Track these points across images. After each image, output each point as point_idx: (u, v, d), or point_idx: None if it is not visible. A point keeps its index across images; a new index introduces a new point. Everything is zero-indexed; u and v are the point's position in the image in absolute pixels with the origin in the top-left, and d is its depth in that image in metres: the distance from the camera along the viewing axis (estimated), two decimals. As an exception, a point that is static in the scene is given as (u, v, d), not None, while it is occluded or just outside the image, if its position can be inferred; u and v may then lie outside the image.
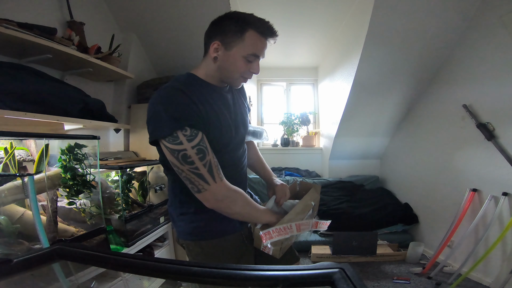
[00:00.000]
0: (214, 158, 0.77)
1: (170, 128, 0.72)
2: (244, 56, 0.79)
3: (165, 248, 2.09)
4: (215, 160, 0.77)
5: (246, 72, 0.83)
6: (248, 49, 0.79)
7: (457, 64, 2.36)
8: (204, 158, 0.74)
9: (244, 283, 0.48)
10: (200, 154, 0.74)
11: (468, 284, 2.08)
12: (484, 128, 2.08)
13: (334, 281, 0.42)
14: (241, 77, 0.84)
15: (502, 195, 1.96)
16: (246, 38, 0.78)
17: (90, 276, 1.18)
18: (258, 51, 0.80)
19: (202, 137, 0.75)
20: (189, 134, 0.73)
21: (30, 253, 0.59)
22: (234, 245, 0.90)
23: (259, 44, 0.80)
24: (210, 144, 0.78)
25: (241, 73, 0.83)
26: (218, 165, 0.78)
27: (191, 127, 0.74)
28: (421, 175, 2.84)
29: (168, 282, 1.01)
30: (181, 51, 2.46)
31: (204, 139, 0.76)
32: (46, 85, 1.37)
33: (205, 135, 0.77)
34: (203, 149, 0.74)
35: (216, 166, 0.77)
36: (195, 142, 0.73)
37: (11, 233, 1.07)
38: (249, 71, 0.83)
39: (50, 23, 1.51)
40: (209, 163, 0.75)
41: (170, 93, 0.76)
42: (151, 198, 2.02)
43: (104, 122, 1.75)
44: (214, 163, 0.76)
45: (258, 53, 0.80)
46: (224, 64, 0.82)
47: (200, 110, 0.77)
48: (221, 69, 0.83)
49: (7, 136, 1.11)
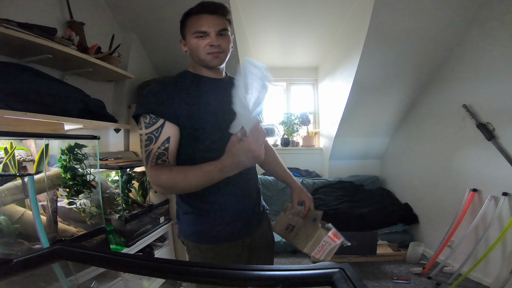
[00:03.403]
0: (161, 148, 0.80)
1: (136, 112, 0.84)
2: (193, 37, 0.86)
3: (165, 248, 2.09)
4: (157, 151, 0.80)
5: (207, 48, 0.86)
6: (191, 30, 0.86)
7: (457, 64, 2.36)
8: (149, 145, 0.80)
9: (244, 283, 0.48)
10: (147, 141, 0.81)
11: (468, 284, 2.08)
12: (484, 128, 2.08)
13: (334, 281, 0.42)
14: (207, 54, 0.86)
15: (502, 195, 1.96)
16: (188, 25, 0.88)
17: (90, 276, 1.18)
18: (199, 27, 0.85)
19: (161, 126, 0.80)
20: (148, 122, 0.81)
21: (30, 253, 0.59)
22: (234, 252, 0.92)
23: (198, 21, 0.85)
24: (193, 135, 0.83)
25: (203, 51, 0.86)
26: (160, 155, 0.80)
27: (153, 115, 0.81)
28: (421, 175, 2.84)
29: (168, 282, 1.01)
30: (181, 51, 2.45)
31: (163, 128, 0.80)
32: (46, 85, 1.37)
33: (178, 124, 0.82)
34: (152, 137, 0.80)
35: (154, 154, 0.80)
36: (149, 130, 0.81)
37: (11, 233, 1.07)
38: (209, 45, 0.86)
39: (50, 23, 1.50)
40: (150, 151, 0.80)
41: (152, 85, 0.87)
42: (151, 198, 2.02)
43: (104, 122, 1.75)
44: (154, 152, 0.80)
45: (200, 29, 0.84)
46: (191, 52, 0.90)
47: (174, 102, 0.82)
48: (194, 57, 0.91)
49: (7, 136, 1.11)
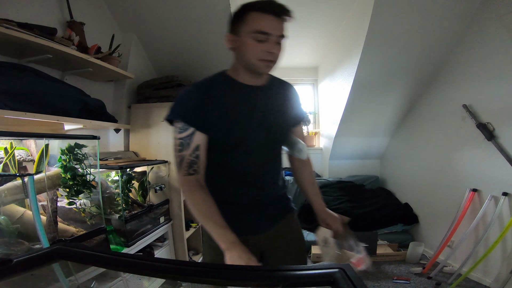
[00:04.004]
0: (192, 155, 0.82)
1: (169, 117, 0.84)
2: (251, 37, 0.77)
3: (165, 248, 2.09)
4: (189, 158, 0.82)
5: (262, 54, 0.78)
6: (252, 27, 0.77)
7: (457, 64, 2.36)
8: (181, 151, 0.82)
9: (244, 283, 0.48)
10: (180, 146, 0.82)
11: (468, 284, 2.08)
12: (484, 128, 2.08)
13: (334, 281, 0.42)
14: (259, 60, 0.79)
15: (502, 195, 1.96)
16: (248, 20, 0.78)
17: (90, 276, 1.18)
18: (263, 27, 0.76)
19: (191, 134, 0.81)
20: (180, 127, 0.82)
21: (30, 253, 0.59)
22: None
23: (262, 21, 0.76)
24: (216, 142, 0.84)
25: (256, 56, 0.79)
26: (192, 163, 0.82)
27: (187, 123, 0.81)
28: (421, 175, 2.84)
29: (168, 282, 1.01)
30: (181, 51, 2.46)
31: (194, 137, 0.81)
32: (46, 85, 1.37)
33: (207, 132, 0.82)
34: (183, 143, 0.81)
35: (187, 162, 0.82)
36: (181, 135, 0.81)
37: (11, 233, 1.07)
38: (266, 51, 0.78)
39: (50, 23, 1.50)
40: (182, 157, 0.82)
41: (187, 89, 0.86)
42: (151, 198, 2.02)
43: (104, 122, 1.75)
44: (186, 159, 0.82)
45: (263, 29, 0.76)
46: (240, 51, 0.82)
47: (203, 109, 0.82)
48: (240, 58, 0.84)
49: (7, 136, 1.11)
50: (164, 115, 0.87)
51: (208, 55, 2.45)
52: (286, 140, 0.98)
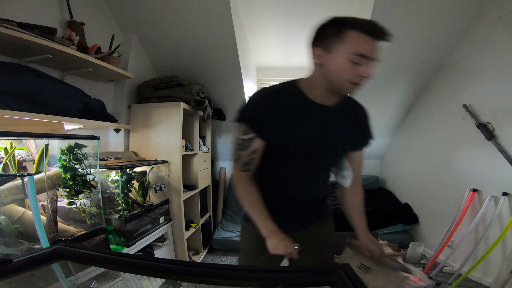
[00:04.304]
0: (248, 157, 0.88)
1: (237, 119, 0.88)
2: (347, 58, 0.71)
3: (165, 248, 2.09)
4: (245, 158, 0.88)
5: (356, 77, 0.73)
6: (351, 48, 0.70)
7: (457, 64, 2.36)
8: (239, 150, 0.88)
9: (244, 283, 0.48)
10: (239, 146, 0.88)
11: (468, 284, 2.08)
12: (484, 128, 2.08)
13: (334, 281, 0.42)
14: (349, 83, 0.74)
15: (502, 195, 1.96)
16: (346, 38, 0.71)
17: (90, 276, 1.17)
18: (363, 50, 0.70)
19: (251, 139, 0.86)
20: (243, 130, 0.86)
21: (30, 253, 0.59)
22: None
23: (363, 43, 0.70)
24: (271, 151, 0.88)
25: (348, 78, 0.73)
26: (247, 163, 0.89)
27: (248, 127, 0.85)
28: (421, 175, 2.84)
29: (168, 282, 1.01)
30: (181, 51, 2.46)
31: (252, 142, 0.86)
32: (46, 85, 1.37)
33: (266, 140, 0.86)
34: (243, 144, 0.87)
35: (243, 161, 0.89)
36: (243, 137, 0.86)
37: (11, 233, 1.07)
38: (358, 75, 0.72)
39: (50, 23, 1.50)
40: (240, 156, 0.89)
41: (257, 95, 0.88)
42: (151, 198, 2.03)
43: (104, 122, 1.75)
44: (243, 159, 0.89)
45: (363, 52, 0.70)
46: (328, 69, 0.76)
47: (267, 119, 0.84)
48: (326, 76, 0.78)
49: (7, 136, 1.11)
50: (164, 115, 0.89)
51: (208, 55, 2.45)
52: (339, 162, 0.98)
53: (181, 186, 2.18)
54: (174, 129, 2.14)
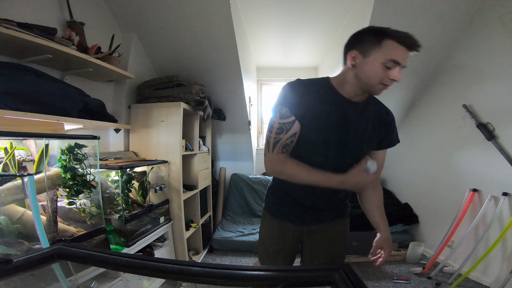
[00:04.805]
0: (288, 139, 0.91)
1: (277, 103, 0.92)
2: (382, 62, 0.81)
3: (165, 248, 2.09)
4: (285, 141, 0.91)
5: (385, 79, 0.83)
6: (386, 55, 0.80)
7: (457, 64, 2.36)
8: (279, 134, 0.91)
9: (244, 283, 0.48)
10: (279, 130, 0.91)
11: (468, 284, 2.08)
12: (484, 128, 2.08)
13: (334, 281, 0.42)
14: (379, 83, 0.84)
15: (502, 195, 1.96)
16: (383, 46, 0.80)
17: (90, 276, 1.17)
18: (397, 57, 0.80)
19: (292, 121, 0.89)
20: (283, 113, 0.90)
21: (30, 253, 0.59)
22: (278, 229, 1.10)
23: (398, 52, 0.80)
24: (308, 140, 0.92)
25: (380, 79, 0.83)
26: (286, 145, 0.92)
27: (288, 110, 0.89)
28: (421, 175, 2.84)
29: (168, 282, 1.01)
30: (181, 51, 2.46)
31: (293, 124, 0.90)
32: (46, 85, 1.37)
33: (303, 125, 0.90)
34: (283, 127, 0.90)
35: (282, 144, 0.91)
36: (282, 121, 0.90)
37: (11, 233, 1.07)
38: (389, 77, 0.82)
39: (50, 23, 1.51)
40: (279, 139, 0.91)
41: (292, 83, 0.93)
42: (151, 198, 2.03)
43: (104, 122, 1.75)
44: (282, 142, 0.91)
45: (397, 59, 0.80)
46: (362, 71, 0.85)
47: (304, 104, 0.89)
48: (359, 76, 0.87)
49: (7, 136, 1.11)
50: (164, 115, 0.88)
51: (208, 55, 2.45)
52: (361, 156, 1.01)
53: (181, 186, 2.18)
54: (174, 129, 2.14)
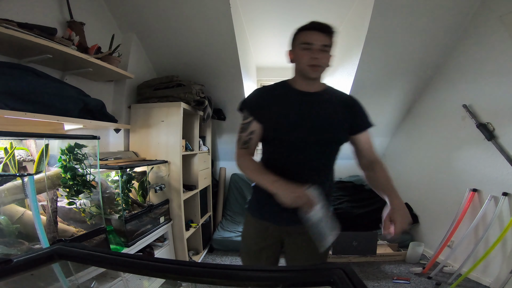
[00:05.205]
0: (247, 136, 1.05)
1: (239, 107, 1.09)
2: (300, 47, 0.98)
3: (165, 248, 2.09)
4: (244, 138, 1.05)
5: (309, 60, 0.97)
6: (300, 40, 0.99)
7: (457, 64, 2.36)
8: (241, 133, 1.06)
9: (244, 283, 0.48)
10: (241, 129, 1.06)
11: (468, 284, 2.08)
12: (484, 128, 2.08)
13: (334, 281, 0.42)
14: (307, 66, 0.98)
15: (502, 195, 1.96)
16: (298, 36, 1.01)
17: (90, 276, 1.17)
18: (307, 39, 0.96)
19: (249, 122, 1.04)
20: (244, 116, 1.06)
21: (30, 253, 0.59)
22: (259, 228, 1.12)
23: (308, 35, 0.97)
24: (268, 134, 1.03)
25: (305, 62, 0.98)
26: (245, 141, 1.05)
27: (248, 112, 1.05)
28: (421, 175, 2.84)
29: (168, 282, 1.01)
30: (181, 51, 2.46)
31: (252, 124, 1.04)
32: (46, 85, 1.37)
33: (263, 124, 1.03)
34: (244, 127, 1.05)
35: (242, 141, 1.06)
36: (244, 122, 1.06)
37: (11, 233, 1.07)
38: (311, 57, 0.97)
39: (50, 23, 1.50)
40: (241, 137, 1.06)
41: (257, 89, 1.11)
42: (151, 198, 2.03)
43: (104, 122, 1.75)
44: (243, 139, 1.06)
45: (308, 41, 0.96)
46: (295, 62, 1.03)
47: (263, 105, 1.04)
48: (296, 67, 1.04)
49: (7, 136, 1.11)
50: (164, 115, 0.89)
51: (208, 55, 2.45)
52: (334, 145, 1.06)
53: (181, 186, 2.18)
54: (174, 129, 2.14)
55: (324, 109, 1.03)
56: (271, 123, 1.02)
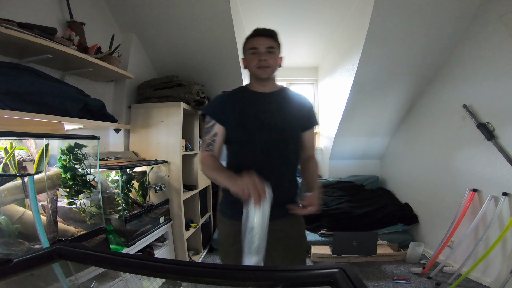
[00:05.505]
0: (210, 139, 1.09)
1: (202, 112, 1.17)
2: (248, 52, 1.09)
3: (165, 248, 2.09)
4: (208, 140, 1.10)
5: (257, 62, 1.06)
6: (248, 47, 1.09)
7: (457, 64, 2.36)
8: (205, 135, 1.11)
9: (244, 283, 0.48)
10: (205, 132, 1.12)
11: (468, 284, 2.08)
12: (484, 128, 2.08)
13: (334, 281, 0.42)
14: (257, 68, 1.07)
15: (502, 195, 1.96)
16: (246, 45, 1.11)
17: (90, 276, 1.17)
18: (253, 44, 1.07)
19: (213, 124, 1.09)
20: (208, 120, 1.11)
21: (30, 253, 0.59)
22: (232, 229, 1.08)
23: (253, 41, 1.08)
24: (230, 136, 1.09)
25: (254, 64, 1.07)
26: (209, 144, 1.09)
27: (211, 117, 1.10)
28: (421, 175, 2.84)
29: (168, 282, 1.01)
30: (181, 51, 2.46)
31: (214, 127, 1.09)
32: (46, 85, 1.37)
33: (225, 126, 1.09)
34: (207, 131, 1.10)
35: (206, 143, 1.10)
36: (207, 125, 1.11)
37: (11, 233, 1.07)
38: (259, 60, 1.06)
39: (50, 23, 1.50)
40: (205, 140, 1.11)
41: (218, 95, 1.17)
42: (151, 198, 2.03)
43: (104, 122, 1.75)
44: (206, 141, 1.10)
45: (253, 46, 1.07)
46: (247, 67, 1.12)
47: (224, 108, 1.10)
48: (249, 72, 1.12)
49: (7, 136, 1.11)
50: (164, 115, 0.89)
51: (208, 55, 2.45)
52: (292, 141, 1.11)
53: (181, 186, 2.18)
54: (174, 129, 2.14)
55: (279, 108, 1.11)
56: (232, 124, 1.08)
